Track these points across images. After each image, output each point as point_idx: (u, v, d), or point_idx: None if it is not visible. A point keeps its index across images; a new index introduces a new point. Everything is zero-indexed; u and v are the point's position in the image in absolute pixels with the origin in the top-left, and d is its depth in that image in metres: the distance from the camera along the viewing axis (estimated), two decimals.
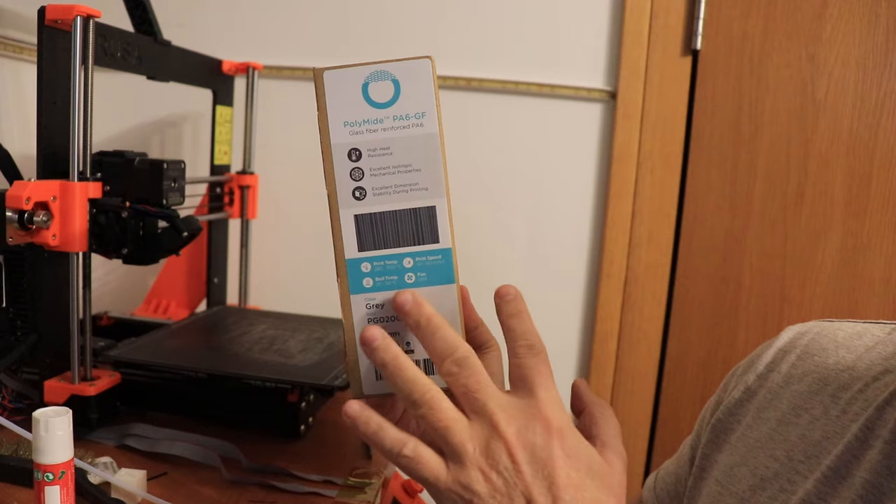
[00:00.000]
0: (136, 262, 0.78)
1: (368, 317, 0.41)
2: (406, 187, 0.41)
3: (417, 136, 0.41)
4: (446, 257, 0.41)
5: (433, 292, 0.41)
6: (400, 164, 0.41)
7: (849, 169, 1.17)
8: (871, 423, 0.43)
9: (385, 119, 0.41)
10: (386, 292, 0.41)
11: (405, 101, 0.41)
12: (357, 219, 0.41)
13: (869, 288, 1.19)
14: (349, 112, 0.41)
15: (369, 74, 0.41)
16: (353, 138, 0.41)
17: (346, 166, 0.42)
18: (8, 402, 0.78)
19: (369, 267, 0.41)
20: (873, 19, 1.14)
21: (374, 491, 0.69)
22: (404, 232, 0.41)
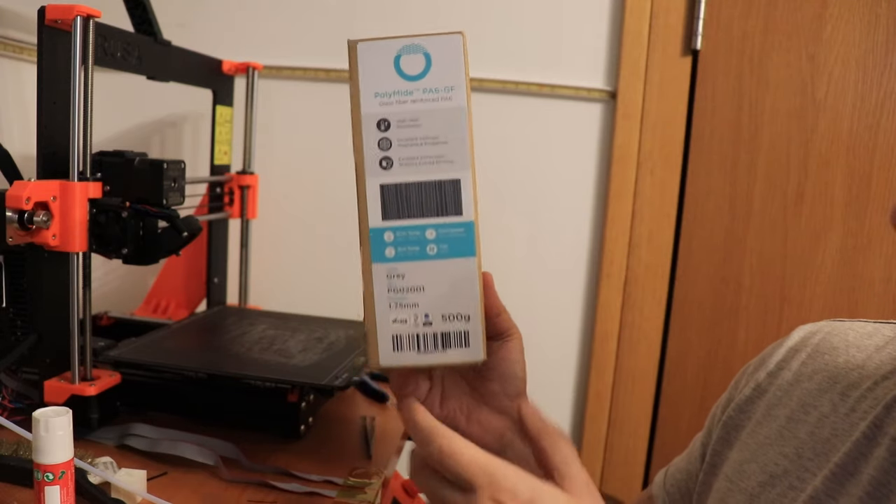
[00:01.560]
0: (136, 262, 0.78)
1: (389, 286, 0.42)
2: (432, 159, 0.41)
3: (446, 108, 0.41)
4: (468, 230, 0.41)
5: (453, 264, 0.41)
6: (427, 136, 0.41)
7: (849, 169, 1.17)
8: (880, 421, 0.43)
9: (415, 91, 0.41)
10: (408, 262, 0.41)
11: (435, 74, 0.41)
12: (383, 188, 0.41)
13: (869, 288, 1.19)
14: (380, 83, 0.41)
15: (402, 47, 0.41)
16: (383, 108, 0.41)
17: (375, 136, 0.41)
18: (8, 402, 0.78)
19: (392, 236, 0.41)
20: (873, 19, 1.14)
21: (374, 491, 0.69)
22: (428, 203, 0.41)
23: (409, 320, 0.42)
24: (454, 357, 0.42)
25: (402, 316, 0.42)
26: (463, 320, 0.42)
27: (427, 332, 0.42)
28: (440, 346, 0.42)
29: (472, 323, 0.42)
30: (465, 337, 0.42)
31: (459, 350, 0.42)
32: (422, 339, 0.42)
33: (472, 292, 0.42)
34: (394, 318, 0.42)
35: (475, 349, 0.42)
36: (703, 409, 1.28)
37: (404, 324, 0.42)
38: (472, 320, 0.42)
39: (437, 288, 0.42)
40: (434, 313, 0.42)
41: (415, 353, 0.42)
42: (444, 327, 0.42)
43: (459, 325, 0.42)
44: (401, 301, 0.42)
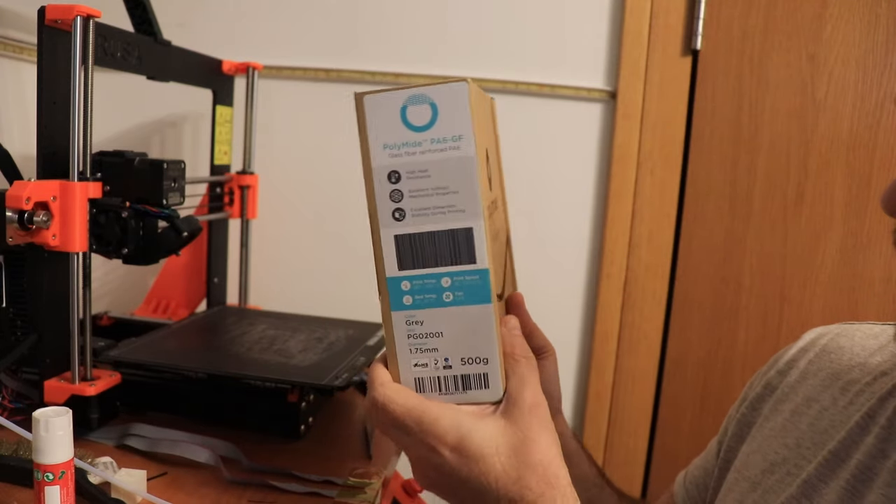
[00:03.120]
0: (136, 262, 0.78)
1: (408, 332, 0.43)
2: (444, 209, 0.42)
3: (454, 158, 0.41)
4: (483, 277, 0.42)
5: (470, 311, 0.42)
6: (438, 187, 0.42)
7: (849, 169, 1.17)
8: (873, 411, 0.46)
9: (423, 142, 0.42)
10: (425, 309, 0.42)
11: (442, 124, 0.41)
12: (397, 239, 0.43)
13: (869, 288, 1.19)
14: (389, 135, 0.42)
15: (407, 98, 0.42)
16: (393, 160, 0.42)
17: (387, 188, 0.42)
18: (8, 402, 0.78)
19: (409, 285, 0.42)
20: (873, 19, 1.14)
21: (374, 491, 0.69)
22: (442, 252, 0.42)
23: (429, 364, 0.43)
24: (474, 397, 0.43)
25: (422, 360, 0.43)
26: (481, 363, 0.43)
27: (447, 375, 0.43)
28: (461, 388, 0.43)
29: (490, 365, 0.43)
30: (485, 379, 0.43)
31: (479, 391, 0.43)
32: (443, 381, 0.43)
33: (489, 336, 0.42)
34: (415, 362, 0.43)
35: (494, 390, 0.43)
36: (704, 409, 1.28)
37: (425, 367, 0.43)
38: (490, 363, 0.43)
39: (454, 333, 0.42)
40: (453, 357, 0.43)
41: (437, 395, 0.43)
42: (464, 370, 0.43)
43: (478, 367, 0.43)
44: (421, 346, 0.43)
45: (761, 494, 0.49)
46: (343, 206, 1.29)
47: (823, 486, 0.45)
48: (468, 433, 0.39)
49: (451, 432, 0.39)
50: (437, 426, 0.40)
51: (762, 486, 0.50)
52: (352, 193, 1.33)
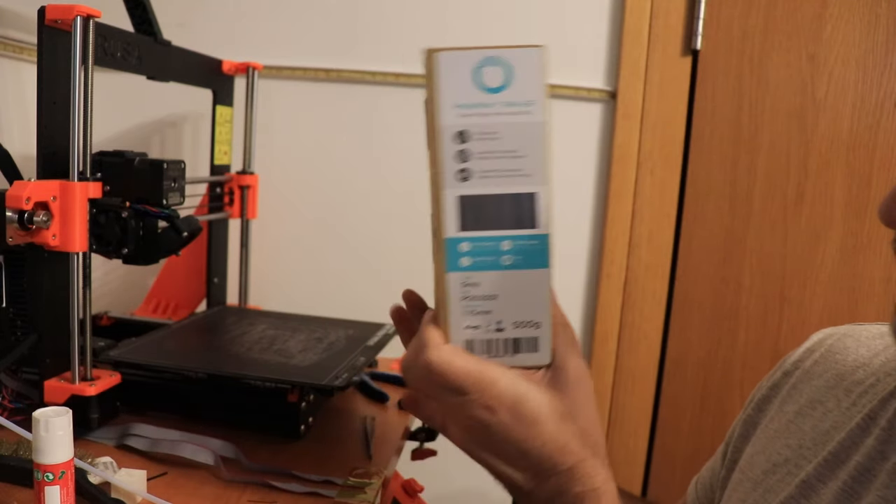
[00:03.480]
0: (136, 262, 0.78)
1: (463, 294, 0.42)
2: (510, 172, 0.42)
3: (525, 123, 0.42)
4: (543, 243, 0.43)
5: (527, 275, 0.43)
6: (506, 150, 0.42)
7: (849, 169, 1.17)
8: (874, 413, 0.46)
9: (495, 104, 0.41)
10: (482, 272, 0.42)
11: (515, 87, 0.41)
12: (461, 199, 0.42)
13: (869, 288, 1.19)
14: (460, 94, 0.41)
15: (482, 59, 0.41)
16: (462, 120, 0.42)
17: (453, 147, 0.42)
18: (8, 402, 0.78)
19: (468, 247, 0.42)
20: (873, 19, 1.14)
21: (374, 491, 0.69)
22: (505, 215, 0.42)
23: (481, 326, 0.43)
24: (523, 361, 0.43)
25: (475, 322, 0.43)
26: (533, 327, 0.43)
27: (499, 338, 0.43)
28: (510, 351, 0.43)
29: (541, 329, 0.43)
30: (535, 343, 0.43)
31: (529, 355, 0.43)
32: (494, 344, 0.43)
33: (543, 301, 0.43)
34: (467, 324, 0.43)
35: (543, 353, 0.43)
36: (704, 409, 1.28)
37: (477, 329, 0.43)
38: (541, 327, 0.43)
39: (509, 296, 0.43)
40: (506, 320, 0.43)
41: (486, 356, 0.43)
42: (516, 333, 0.43)
43: (530, 331, 0.43)
44: (474, 308, 0.43)
45: (762, 494, 0.50)
46: (343, 206, 1.29)
47: (822, 486, 0.45)
48: (524, 396, 0.40)
49: (509, 394, 0.40)
50: (495, 387, 0.40)
51: (763, 486, 0.50)
52: (352, 193, 1.33)
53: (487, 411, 0.40)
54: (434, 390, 0.42)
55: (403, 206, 1.28)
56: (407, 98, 1.25)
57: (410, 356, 0.42)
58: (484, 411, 0.40)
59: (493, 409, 0.40)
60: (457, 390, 0.40)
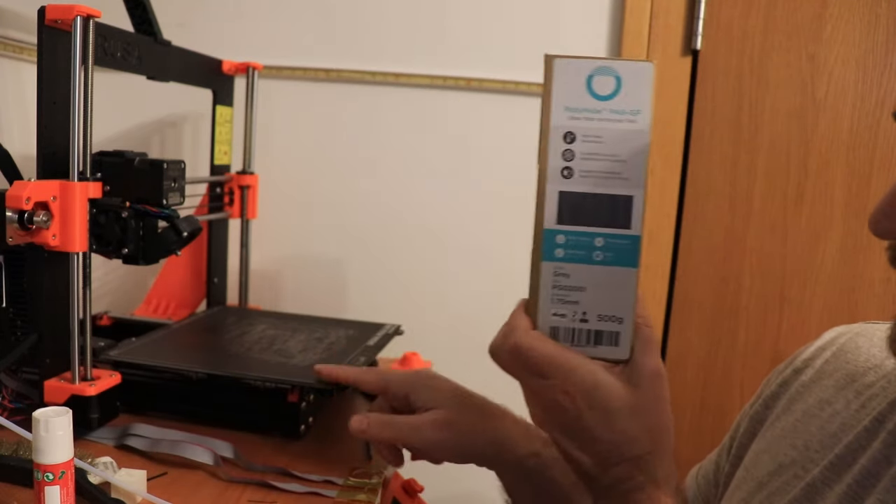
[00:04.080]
0: (136, 262, 0.78)
1: (554, 283, 0.45)
2: (610, 175, 0.44)
3: (629, 130, 0.44)
4: (634, 244, 0.45)
5: (616, 272, 0.45)
6: (608, 153, 0.44)
7: (849, 169, 1.17)
8: (883, 416, 0.46)
9: (603, 111, 0.44)
10: (574, 264, 0.45)
11: (624, 97, 0.44)
12: (561, 195, 0.45)
13: (869, 288, 1.19)
14: (572, 98, 0.44)
15: (595, 68, 0.44)
16: (571, 122, 0.44)
17: (560, 146, 0.45)
18: (8, 402, 0.78)
19: (563, 239, 0.45)
20: (873, 19, 1.14)
21: (374, 491, 0.69)
22: (601, 214, 0.44)
23: (567, 315, 0.45)
24: (603, 353, 0.45)
25: (562, 311, 0.45)
26: (616, 322, 0.45)
27: (582, 328, 0.45)
28: (592, 342, 0.45)
29: (624, 325, 0.45)
30: (616, 337, 0.45)
31: (609, 348, 0.45)
32: (577, 333, 0.45)
33: (628, 298, 0.45)
34: (555, 311, 0.45)
35: (623, 349, 0.45)
36: (704, 409, 1.28)
37: (563, 318, 0.45)
38: (623, 323, 0.45)
39: (597, 290, 0.45)
40: (591, 312, 0.45)
41: (569, 344, 0.45)
42: (599, 326, 0.45)
43: (612, 325, 0.45)
44: (563, 298, 0.45)
45: (766, 496, 0.49)
46: (343, 206, 1.29)
47: (827, 490, 0.45)
48: (600, 385, 0.43)
49: (587, 382, 0.42)
50: (574, 374, 0.43)
51: (768, 488, 0.50)
52: (352, 193, 1.33)
53: (565, 396, 0.43)
54: (518, 372, 0.44)
55: (403, 206, 1.28)
56: (407, 98, 1.25)
57: (499, 339, 0.45)
58: (562, 396, 0.43)
59: (571, 394, 0.42)
60: (539, 373, 0.43)
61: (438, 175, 1.27)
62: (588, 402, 0.42)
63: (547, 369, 0.43)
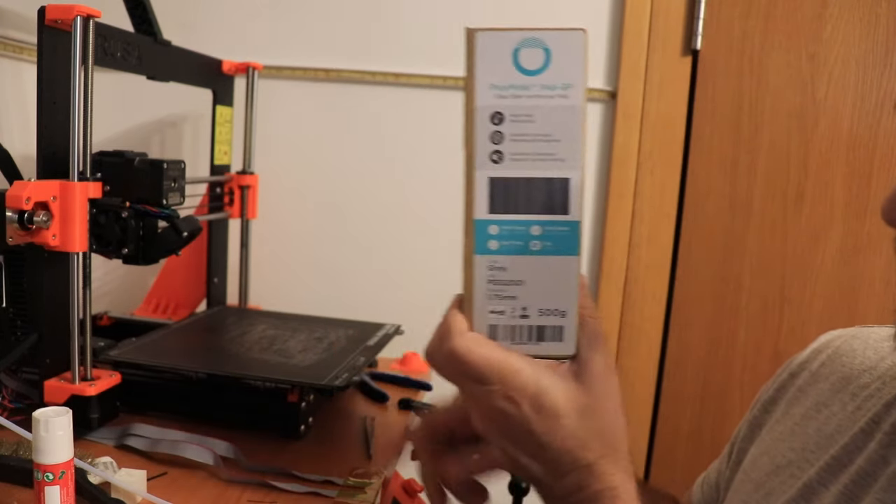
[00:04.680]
0: (136, 262, 0.78)
1: (489, 278, 0.42)
2: (543, 156, 0.41)
3: (562, 107, 0.41)
4: (573, 229, 0.42)
5: (556, 262, 0.42)
6: (540, 133, 0.41)
7: (849, 169, 1.17)
8: (878, 417, 0.46)
9: (532, 86, 0.41)
10: (510, 256, 0.42)
11: (554, 70, 0.41)
12: (492, 181, 0.41)
13: (869, 288, 1.19)
14: (497, 75, 0.41)
15: (522, 40, 0.41)
16: (498, 101, 0.41)
17: (488, 129, 0.41)
18: (8, 402, 0.78)
19: (497, 230, 0.41)
20: (873, 19, 1.14)
21: (374, 491, 0.69)
22: (536, 200, 0.41)
23: (506, 312, 0.42)
24: (547, 350, 0.42)
25: (499, 307, 0.42)
26: (559, 315, 0.42)
27: (523, 325, 0.42)
28: (535, 339, 0.42)
29: (567, 318, 0.42)
30: (560, 332, 0.42)
31: (553, 343, 0.42)
32: (517, 330, 0.42)
33: (570, 289, 0.42)
34: (492, 308, 0.42)
35: (567, 344, 0.42)
36: (704, 409, 1.28)
37: (501, 315, 0.42)
38: (567, 316, 0.42)
39: (536, 283, 0.42)
40: (532, 307, 0.42)
41: (510, 343, 0.42)
42: (541, 321, 0.42)
43: (555, 319, 0.42)
44: (500, 293, 0.42)
45: (764, 496, 0.50)
46: (343, 206, 1.29)
47: (823, 489, 0.45)
48: (546, 389, 0.40)
49: (531, 385, 0.40)
50: (518, 378, 0.39)
51: (765, 488, 0.50)
52: (352, 193, 1.33)
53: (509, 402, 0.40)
54: (456, 378, 0.41)
55: (403, 206, 1.28)
56: (407, 98, 1.25)
57: (435, 343, 0.42)
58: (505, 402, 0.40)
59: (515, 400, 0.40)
60: (479, 379, 0.40)
61: (438, 175, 1.27)
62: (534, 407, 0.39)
63: (487, 374, 0.39)
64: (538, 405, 0.39)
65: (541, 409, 0.39)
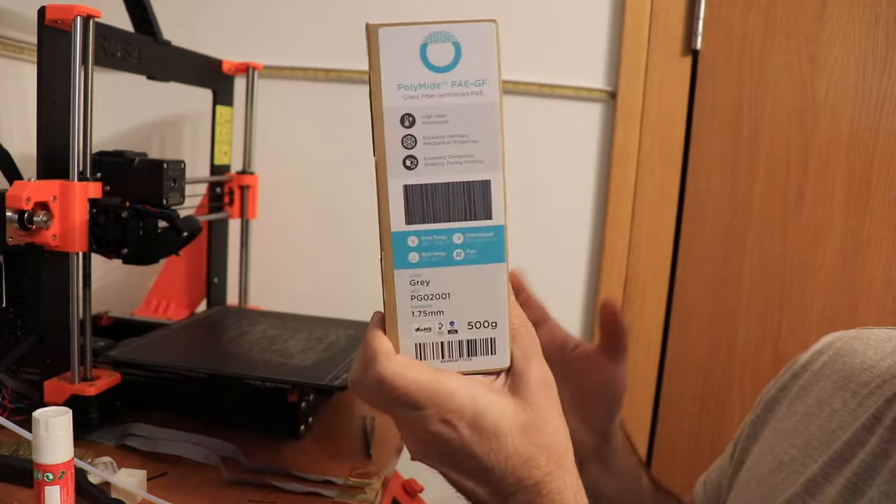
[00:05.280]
0: (136, 262, 0.78)
1: (412, 293, 0.39)
2: (460, 159, 0.38)
3: (476, 104, 0.38)
4: (498, 234, 0.39)
5: (482, 271, 0.39)
6: (455, 134, 0.38)
7: (849, 169, 1.17)
8: (880, 413, 0.47)
9: (443, 84, 0.38)
10: (433, 268, 0.39)
11: (465, 66, 0.38)
12: (407, 189, 0.38)
13: (869, 288, 1.19)
14: (405, 74, 0.38)
15: (429, 35, 0.39)
16: (408, 102, 0.38)
17: (398, 133, 0.38)
18: (8, 402, 0.78)
19: (416, 241, 0.39)
20: (873, 19, 1.14)
21: (374, 491, 0.69)
22: (456, 206, 0.39)
23: (433, 328, 0.39)
24: (480, 365, 0.40)
25: (426, 324, 0.39)
26: (489, 327, 0.40)
27: (452, 341, 0.40)
28: (466, 354, 0.40)
29: (498, 329, 0.40)
30: (492, 344, 0.40)
31: (485, 357, 0.40)
32: (447, 346, 0.40)
33: (500, 299, 0.39)
34: (417, 326, 0.39)
35: (501, 356, 0.40)
36: (703, 409, 1.28)
37: (428, 332, 0.39)
38: (498, 327, 0.40)
39: (463, 295, 0.39)
40: (460, 321, 0.40)
41: (440, 361, 0.40)
42: (471, 335, 0.40)
43: (486, 332, 0.40)
44: (425, 309, 0.39)
45: (767, 492, 0.51)
46: (343, 206, 1.29)
47: (827, 484, 0.46)
48: (484, 409, 0.38)
49: (468, 407, 0.37)
50: (452, 400, 0.37)
51: (768, 484, 0.51)
52: (352, 193, 1.33)
53: (446, 426, 0.37)
54: (386, 405, 0.38)
55: None
56: None
57: (358, 369, 0.39)
58: (442, 426, 0.37)
59: (452, 423, 0.37)
60: (411, 405, 0.37)
61: None
62: (473, 428, 0.37)
63: (419, 399, 0.37)
64: (477, 426, 0.37)
65: (480, 430, 0.37)
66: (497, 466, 0.38)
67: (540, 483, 0.38)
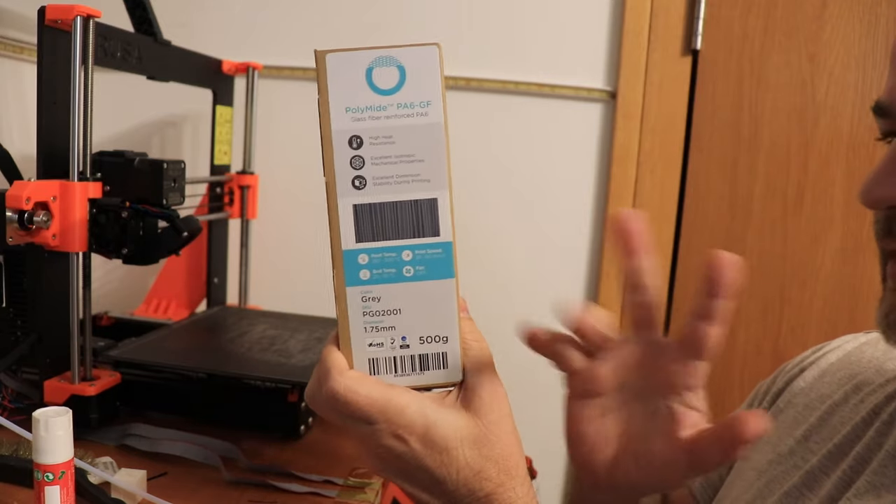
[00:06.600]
0: (136, 262, 0.78)
1: (364, 309, 0.40)
2: (408, 178, 0.40)
3: (421, 125, 0.40)
4: (446, 251, 0.40)
5: (431, 286, 0.40)
6: (402, 154, 0.40)
7: (849, 169, 1.17)
8: (879, 408, 0.48)
9: (388, 106, 0.40)
10: (383, 285, 0.40)
11: (410, 88, 0.40)
12: (356, 209, 0.40)
13: (869, 288, 1.19)
14: (351, 97, 0.40)
15: (374, 59, 0.40)
16: (355, 125, 0.40)
17: (347, 154, 0.41)
18: (8, 402, 0.78)
19: (367, 259, 0.40)
20: (873, 19, 1.14)
21: (374, 491, 0.69)
22: (404, 224, 0.40)
23: (385, 343, 0.41)
24: (432, 379, 0.41)
25: (378, 339, 0.41)
26: (441, 342, 0.41)
27: (404, 355, 0.41)
28: (418, 369, 0.41)
29: (449, 344, 0.41)
30: (444, 358, 0.41)
31: (437, 371, 0.41)
32: (399, 361, 0.41)
33: (450, 314, 0.41)
34: (370, 341, 0.41)
35: (453, 370, 0.41)
36: None
37: (380, 347, 0.41)
38: (449, 341, 0.41)
39: (414, 310, 0.41)
40: (411, 336, 0.41)
41: (392, 376, 0.41)
42: (422, 349, 0.41)
43: (437, 346, 0.41)
44: (377, 324, 0.41)
45: (766, 483, 0.51)
46: None
47: (825, 477, 0.47)
48: (434, 423, 0.39)
49: (419, 422, 0.38)
50: (404, 415, 0.38)
51: (767, 475, 0.52)
52: None
53: (397, 440, 0.39)
54: (341, 420, 0.40)
55: None
56: None
57: (314, 385, 0.40)
58: (394, 440, 0.39)
59: (403, 437, 0.38)
60: (364, 420, 0.38)
61: None
62: (424, 442, 0.38)
63: (371, 414, 0.38)
64: (428, 440, 0.38)
65: (431, 444, 0.38)
66: (449, 479, 0.39)
67: (492, 494, 0.39)
